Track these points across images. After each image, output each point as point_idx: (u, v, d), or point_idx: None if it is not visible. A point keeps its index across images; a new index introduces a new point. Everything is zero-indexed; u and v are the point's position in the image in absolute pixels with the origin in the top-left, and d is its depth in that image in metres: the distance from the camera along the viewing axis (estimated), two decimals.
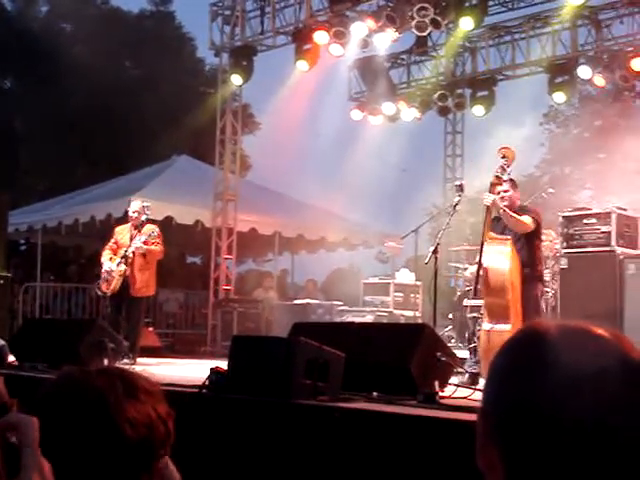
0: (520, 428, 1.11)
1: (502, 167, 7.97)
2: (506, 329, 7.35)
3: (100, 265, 11.24)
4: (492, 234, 7.86)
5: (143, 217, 11.01)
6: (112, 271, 10.86)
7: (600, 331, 1.14)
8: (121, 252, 10.93)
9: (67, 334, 8.82)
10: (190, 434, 4.97)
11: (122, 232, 11.21)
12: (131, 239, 10.93)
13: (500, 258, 7.66)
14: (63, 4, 30.21)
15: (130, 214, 11.22)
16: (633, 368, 1.12)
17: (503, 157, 8.02)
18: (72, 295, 18.49)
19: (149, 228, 10.98)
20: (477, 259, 8.12)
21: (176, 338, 17.62)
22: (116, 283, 10.83)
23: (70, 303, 18.37)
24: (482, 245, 7.81)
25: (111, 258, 11.01)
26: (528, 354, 1.13)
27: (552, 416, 1.08)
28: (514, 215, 8.02)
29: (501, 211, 7.94)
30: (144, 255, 10.76)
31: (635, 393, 1.10)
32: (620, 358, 1.11)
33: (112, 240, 11.26)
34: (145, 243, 10.80)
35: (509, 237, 7.88)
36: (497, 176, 7.95)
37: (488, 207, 7.86)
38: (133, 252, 10.77)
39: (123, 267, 10.81)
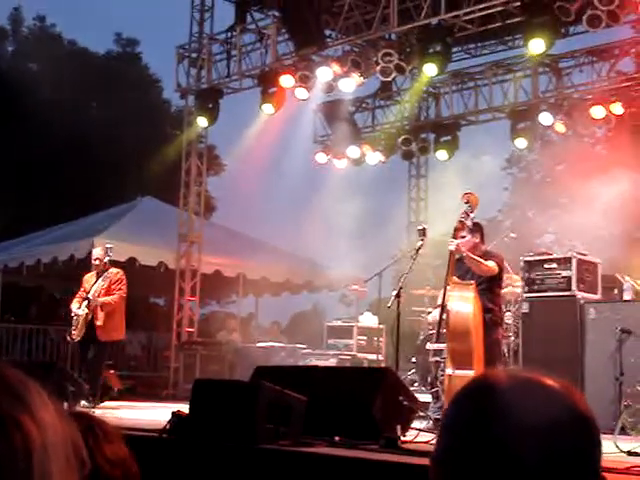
0: (472, 476, 1.12)
1: (466, 212, 8.06)
2: (469, 374, 7.34)
3: (69, 312, 11.30)
4: (455, 279, 7.91)
5: (106, 259, 11.03)
6: (78, 316, 10.92)
7: (550, 382, 1.17)
8: (85, 297, 11.00)
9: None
10: (151, 479, 4.91)
11: (89, 280, 11.28)
12: (96, 290, 11.01)
13: (463, 303, 7.68)
14: (29, 44, 30.24)
15: (93, 261, 11.38)
16: (581, 419, 1.14)
17: (467, 202, 8.11)
18: (32, 336, 18.28)
19: (111, 272, 11.02)
20: (440, 303, 8.15)
21: (138, 381, 17.43)
22: (81, 328, 10.88)
23: (31, 344, 18.14)
24: (445, 289, 7.85)
25: (79, 305, 11.07)
26: (478, 405, 1.15)
27: (501, 466, 1.10)
28: (479, 259, 8.09)
29: (465, 255, 8.02)
30: (101, 307, 10.85)
31: (583, 444, 1.13)
32: (569, 409, 1.14)
33: (81, 289, 11.32)
34: (108, 289, 10.88)
35: (472, 282, 7.93)
36: (461, 221, 8.05)
37: (451, 252, 7.93)
38: (93, 299, 10.86)
39: (85, 311, 10.86)
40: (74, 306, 11.14)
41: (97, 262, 11.20)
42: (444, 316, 7.85)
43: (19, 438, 0.98)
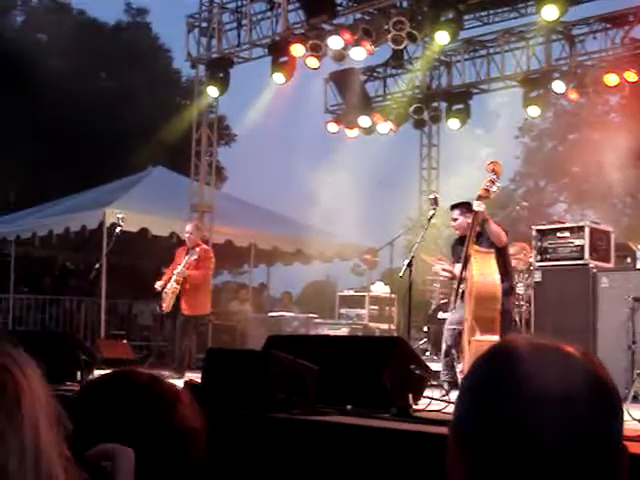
0: (488, 444, 1.11)
1: (491, 181, 8.01)
2: (495, 339, 7.43)
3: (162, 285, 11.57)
4: (476, 247, 7.93)
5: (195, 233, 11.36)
6: (166, 290, 11.21)
7: (569, 349, 1.15)
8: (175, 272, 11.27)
9: (39, 346, 8.76)
10: None
11: (180, 254, 11.52)
12: (186, 262, 11.20)
13: (489, 270, 7.75)
14: (39, 15, 30.14)
15: (185, 235, 11.62)
16: (601, 387, 1.13)
17: (492, 171, 8.08)
18: (46, 307, 18.37)
19: (201, 248, 11.27)
20: (459, 271, 8.15)
21: (150, 350, 17.52)
22: (169, 300, 11.15)
23: (44, 315, 18.24)
24: (467, 257, 7.87)
25: (169, 278, 11.34)
26: (497, 372, 1.13)
27: (519, 434, 1.09)
28: (496, 226, 8.13)
29: (487, 219, 8.04)
30: (185, 279, 11.02)
31: (603, 412, 1.11)
32: (589, 377, 1.12)
33: (173, 262, 11.64)
34: (197, 264, 11.06)
35: (492, 250, 7.95)
36: (486, 189, 7.99)
37: (477, 214, 7.92)
38: (180, 271, 11.09)
39: (174, 284, 11.11)
40: (164, 280, 11.42)
41: (188, 235, 11.39)
42: (463, 284, 7.89)
43: (10, 383, 1.08)
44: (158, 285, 11.41)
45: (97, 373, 9.58)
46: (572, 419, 1.09)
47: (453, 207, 8.74)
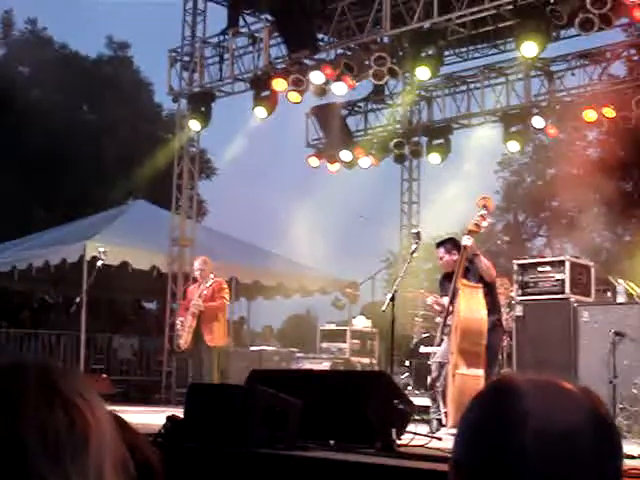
0: (492, 479, 1.11)
1: (482, 216, 8.03)
2: (480, 374, 7.44)
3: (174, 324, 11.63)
4: (464, 281, 7.93)
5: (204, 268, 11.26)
6: (183, 324, 11.06)
7: (569, 386, 1.16)
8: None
9: None
10: None
11: (193, 292, 11.38)
12: (200, 295, 11.07)
13: (475, 304, 7.76)
14: (21, 47, 30.16)
15: (195, 273, 11.51)
16: (602, 424, 1.13)
17: (484, 206, 8.10)
18: (24, 341, 18.21)
19: (215, 280, 11.13)
20: (446, 304, 8.15)
21: (130, 385, 17.39)
22: (187, 336, 10.99)
23: (22, 349, 18.08)
24: (455, 290, 7.88)
25: (184, 314, 11.24)
26: (501, 408, 1.13)
27: (522, 470, 1.09)
28: (487, 261, 8.15)
29: (477, 254, 8.04)
30: (201, 312, 10.90)
31: (604, 449, 1.11)
32: (590, 414, 1.13)
33: (186, 297, 11.60)
34: (212, 297, 10.94)
35: (480, 284, 7.95)
36: (476, 224, 8.01)
37: (465, 248, 7.92)
38: (196, 304, 10.96)
39: (190, 319, 10.94)
40: (180, 316, 11.39)
41: (198, 273, 11.30)
42: (450, 318, 7.90)
43: (79, 422, 1.05)
44: (179, 321, 11.28)
45: None
46: (575, 456, 1.09)
47: (438, 245, 8.74)
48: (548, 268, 10.13)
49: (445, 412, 7.81)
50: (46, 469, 1.02)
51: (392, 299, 8.56)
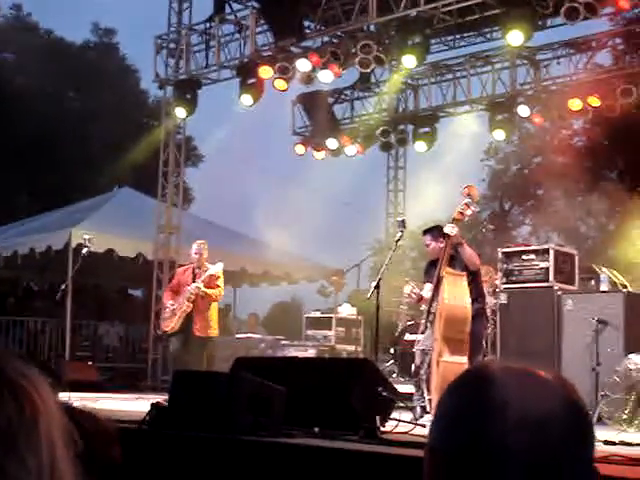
0: (468, 467, 1.13)
1: (466, 204, 8.05)
2: (463, 361, 7.48)
3: (163, 305, 11.20)
4: (449, 269, 7.96)
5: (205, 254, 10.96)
6: (175, 308, 10.73)
7: (543, 374, 1.18)
8: (176, 290, 10.89)
9: None
10: (130, 471, 4.90)
11: (183, 274, 11.12)
12: (194, 279, 10.77)
13: (459, 292, 7.79)
14: (6, 33, 29.97)
15: (193, 255, 11.10)
16: (574, 411, 1.15)
17: (468, 195, 8.12)
18: (10, 328, 18.16)
19: (212, 267, 10.83)
20: (430, 292, 8.17)
21: (115, 372, 17.38)
22: (177, 320, 10.72)
23: (7, 337, 18.03)
24: (439, 278, 7.90)
25: (173, 297, 10.93)
26: (480, 396, 1.15)
27: (499, 457, 1.11)
28: (470, 250, 8.17)
29: (461, 242, 8.05)
30: (202, 297, 10.63)
31: (576, 436, 1.14)
32: (563, 402, 1.15)
33: (174, 281, 11.29)
34: (209, 283, 10.69)
35: (464, 273, 7.98)
36: (461, 212, 8.03)
37: (450, 237, 7.93)
38: (194, 293, 10.63)
39: (186, 303, 10.65)
40: (167, 298, 11.03)
41: (197, 256, 10.98)
42: (434, 305, 7.92)
43: (27, 403, 1.08)
44: (169, 304, 10.88)
45: (61, 396, 9.50)
46: (549, 443, 1.11)
47: (425, 232, 8.75)
48: (532, 256, 10.18)
49: (429, 399, 7.84)
50: (2, 456, 1.04)
51: (377, 287, 8.58)
